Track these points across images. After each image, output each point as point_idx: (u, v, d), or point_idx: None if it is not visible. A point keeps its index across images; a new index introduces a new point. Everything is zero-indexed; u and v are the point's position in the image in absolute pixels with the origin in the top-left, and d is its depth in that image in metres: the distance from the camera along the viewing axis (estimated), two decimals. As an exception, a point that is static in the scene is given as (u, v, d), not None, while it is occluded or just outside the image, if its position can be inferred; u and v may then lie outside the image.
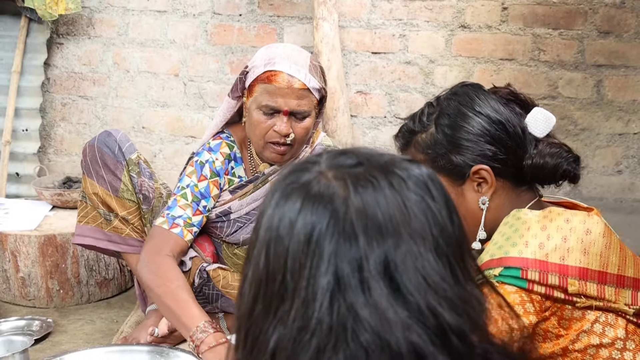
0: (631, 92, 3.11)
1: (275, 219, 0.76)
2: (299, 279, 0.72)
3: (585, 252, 1.27)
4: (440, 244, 0.74)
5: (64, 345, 2.28)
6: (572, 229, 1.29)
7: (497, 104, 1.40)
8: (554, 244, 1.27)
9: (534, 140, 1.39)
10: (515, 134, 1.38)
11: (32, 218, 2.73)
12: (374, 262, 0.71)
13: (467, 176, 1.39)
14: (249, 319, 0.76)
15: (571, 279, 1.26)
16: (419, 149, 1.44)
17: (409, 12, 3.17)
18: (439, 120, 1.42)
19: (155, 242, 1.96)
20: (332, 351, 0.70)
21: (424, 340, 0.69)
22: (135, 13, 3.39)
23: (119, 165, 2.15)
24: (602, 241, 1.29)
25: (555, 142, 1.41)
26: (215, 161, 2.10)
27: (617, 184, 3.18)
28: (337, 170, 0.77)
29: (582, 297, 1.26)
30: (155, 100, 3.43)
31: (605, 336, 1.28)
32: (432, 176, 0.78)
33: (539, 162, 1.37)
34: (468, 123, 1.39)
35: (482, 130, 1.38)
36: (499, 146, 1.38)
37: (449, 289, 0.72)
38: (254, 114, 2.00)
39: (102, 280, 2.68)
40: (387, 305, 0.70)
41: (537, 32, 3.11)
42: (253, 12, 3.28)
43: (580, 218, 1.31)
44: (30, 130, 3.40)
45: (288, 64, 1.96)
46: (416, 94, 3.21)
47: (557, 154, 1.38)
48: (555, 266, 1.26)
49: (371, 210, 0.73)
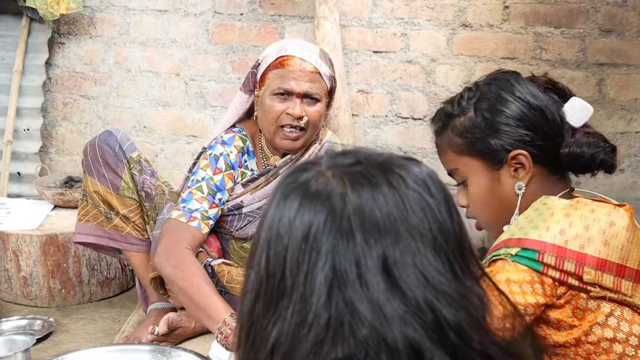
0: (633, 90, 3.11)
1: (275, 218, 0.77)
2: (297, 275, 0.73)
3: (606, 244, 1.27)
4: (439, 240, 0.75)
5: (65, 344, 2.28)
6: (596, 219, 1.29)
7: (537, 91, 1.42)
8: (575, 232, 1.28)
9: (570, 129, 1.40)
10: (553, 121, 1.39)
11: (34, 217, 2.73)
12: (371, 258, 0.72)
13: (504, 161, 1.40)
14: (250, 317, 0.77)
15: (587, 267, 1.25)
16: (457, 132, 1.45)
17: (410, 11, 3.16)
18: (479, 104, 1.43)
19: (173, 236, 1.96)
20: (330, 346, 0.71)
21: (421, 335, 0.70)
22: (136, 12, 3.39)
23: (119, 164, 2.16)
24: (625, 235, 1.28)
25: (592, 132, 1.41)
26: (229, 154, 2.11)
27: (619, 182, 3.17)
28: (336, 169, 0.78)
29: (597, 287, 1.26)
30: (157, 100, 3.43)
31: (620, 331, 1.27)
32: (431, 174, 0.79)
33: (576, 151, 1.38)
34: (508, 107, 1.40)
35: (521, 115, 1.39)
36: (537, 132, 1.39)
37: (447, 285, 0.73)
38: (267, 100, 2.04)
39: (103, 279, 2.68)
40: (385, 301, 0.70)
41: (539, 30, 3.10)
42: (254, 11, 3.28)
43: (606, 210, 1.31)
44: (31, 129, 3.40)
45: (299, 49, 2.03)
46: (418, 93, 3.21)
47: (594, 144, 1.38)
48: (574, 253, 1.26)
49: (369, 207, 0.74)
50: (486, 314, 0.76)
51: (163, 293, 2.22)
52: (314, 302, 0.71)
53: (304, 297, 0.72)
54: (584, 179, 1.48)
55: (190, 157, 3.43)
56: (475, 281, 0.77)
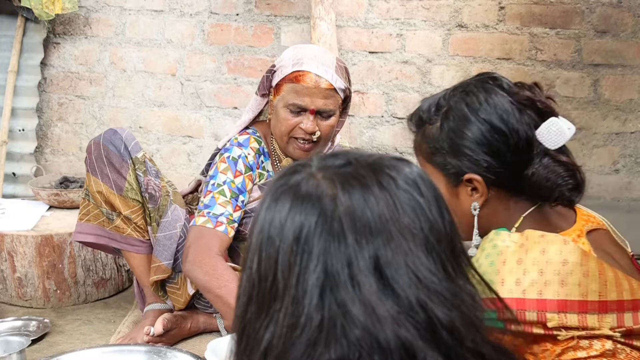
0: (628, 91, 3.12)
1: (266, 221, 0.77)
2: (289, 277, 0.73)
3: (563, 284, 1.23)
4: (431, 240, 0.75)
5: (61, 345, 2.27)
6: (549, 262, 1.25)
7: (508, 111, 1.35)
8: (531, 279, 1.24)
9: (543, 152, 1.34)
10: (517, 146, 1.34)
11: (29, 218, 2.72)
12: (363, 259, 0.72)
13: (460, 180, 1.38)
14: (242, 320, 0.77)
15: (550, 313, 1.22)
16: (425, 139, 1.43)
17: (406, 12, 3.17)
18: (445, 119, 1.40)
19: (203, 242, 1.96)
20: (323, 348, 0.71)
21: (414, 335, 0.70)
22: (132, 12, 3.38)
23: (124, 164, 2.14)
24: (579, 270, 1.24)
25: (562, 161, 1.35)
26: (247, 156, 2.12)
27: (614, 183, 3.18)
28: (326, 171, 0.78)
29: (563, 329, 1.23)
30: (152, 100, 3.42)
31: (594, 350, 1.25)
32: (421, 174, 0.79)
33: (538, 178, 1.33)
34: (469, 130, 1.36)
35: (482, 140, 1.35)
36: (495, 158, 1.35)
37: (439, 284, 0.73)
38: (281, 111, 2.05)
39: (99, 280, 2.67)
40: (377, 302, 0.71)
41: (534, 31, 3.11)
42: (250, 11, 3.28)
43: (556, 248, 1.26)
44: (26, 130, 3.39)
45: (315, 64, 2.02)
46: (413, 93, 3.21)
47: (558, 174, 1.34)
48: (533, 302, 1.22)
49: (360, 208, 0.74)
50: (478, 312, 0.76)
51: (162, 295, 2.22)
52: (306, 304, 0.71)
53: (296, 300, 0.72)
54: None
55: (186, 157, 3.42)
56: (467, 280, 0.77)
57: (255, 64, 3.30)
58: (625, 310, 1.24)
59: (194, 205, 2.33)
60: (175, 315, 2.12)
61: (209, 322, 2.21)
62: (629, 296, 1.25)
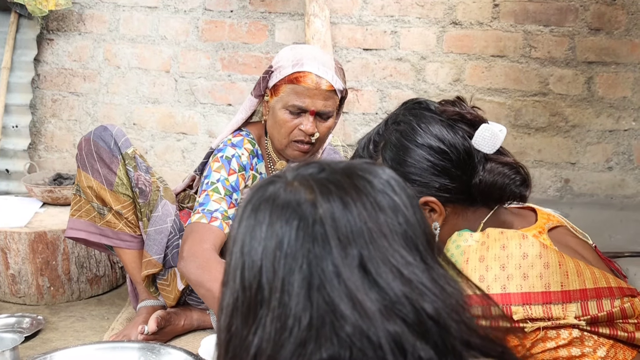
0: (621, 88, 3.13)
1: (247, 232, 0.78)
2: (273, 282, 0.74)
3: (525, 277, 1.27)
4: (409, 234, 0.78)
5: (54, 342, 2.27)
6: (509, 256, 1.29)
7: (441, 129, 1.39)
8: (494, 275, 1.27)
9: (483, 159, 1.39)
10: (459, 160, 1.38)
11: (23, 215, 2.72)
12: (347, 258, 0.74)
13: None
14: (227, 332, 0.78)
15: (514, 306, 1.25)
16: None
17: (401, 9, 3.17)
18: (385, 152, 1.43)
19: (197, 237, 1.95)
20: (314, 347, 0.72)
21: (402, 328, 0.72)
22: (126, 9, 3.37)
23: (114, 159, 2.15)
24: (540, 262, 1.28)
25: (504, 161, 1.40)
26: (241, 156, 2.11)
27: (607, 180, 3.19)
28: (302, 178, 0.80)
29: (529, 321, 1.25)
30: (146, 97, 3.42)
31: (562, 339, 1.27)
32: (393, 176, 0.82)
33: (486, 183, 1.37)
34: (411, 157, 1.39)
35: (426, 163, 1.38)
36: (445, 177, 1.38)
37: (421, 276, 0.75)
38: (280, 113, 2.05)
39: (92, 277, 2.67)
40: (364, 297, 0.72)
41: (528, 28, 3.11)
42: (244, 8, 3.27)
43: (515, 242, 1.30)
44: (20, 126, 3.38)
45: (316, 65, 2.01)
46: (407, 90, 3.21)
47: (504, 174, 1.38)
48: (497, 296, 1.25)
49: (339, 210, 0.76)
50: (459, 299, 0.78)
51: (154, 291, 2.22)
52: (293, 305, 0.73)
53: (282, 302, 0.73)
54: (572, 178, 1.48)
55: (180, 154, 3.42)
56: (441, 267, 0.80)
57: (250, 61, 3.30)
58: (589, 298, 1.28)
59: (186, 203, 2.33)
60: (169, 312, 2.12)
61: (202, 318, 2.21)
62: (592, 284, 1.28)
